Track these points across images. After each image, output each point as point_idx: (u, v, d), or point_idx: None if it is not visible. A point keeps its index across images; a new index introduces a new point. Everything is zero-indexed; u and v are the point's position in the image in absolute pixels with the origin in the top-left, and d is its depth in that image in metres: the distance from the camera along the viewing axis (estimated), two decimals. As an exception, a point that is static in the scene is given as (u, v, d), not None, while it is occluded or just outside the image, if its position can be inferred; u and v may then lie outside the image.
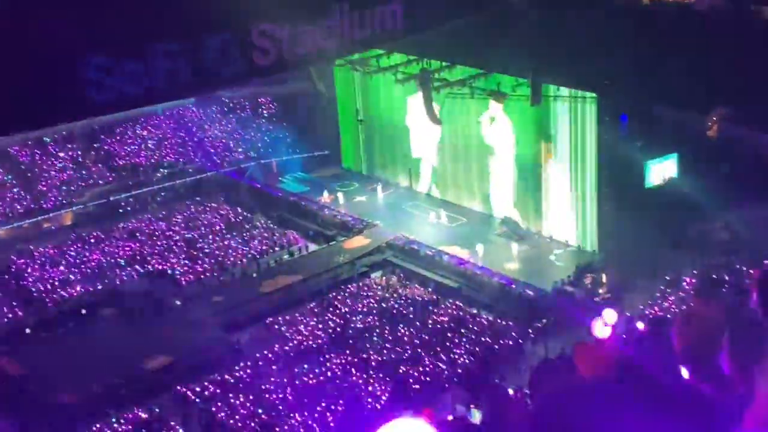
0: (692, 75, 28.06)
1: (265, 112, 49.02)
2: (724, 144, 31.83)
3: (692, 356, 5.34)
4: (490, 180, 40.39)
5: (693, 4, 30.57)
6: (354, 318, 33.85)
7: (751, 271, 28.19)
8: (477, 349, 31.02)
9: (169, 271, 37.81)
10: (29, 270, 37.76)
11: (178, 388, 29.98)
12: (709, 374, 5.57)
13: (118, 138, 45.95)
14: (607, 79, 32.69)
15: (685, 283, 31.88)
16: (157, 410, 29.10)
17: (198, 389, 29.92)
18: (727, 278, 31.12)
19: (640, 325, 20.31)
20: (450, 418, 11.73)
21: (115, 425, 28.20)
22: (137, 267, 38.27)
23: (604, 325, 9.74)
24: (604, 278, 33.74)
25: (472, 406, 9.95)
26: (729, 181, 30.71)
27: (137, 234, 40.92)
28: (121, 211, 42.94)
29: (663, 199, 32.59)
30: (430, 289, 35.61)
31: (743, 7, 30.13)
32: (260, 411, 28.53)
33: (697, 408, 5.32)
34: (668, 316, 28.49)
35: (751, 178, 31.63)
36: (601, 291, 33.31)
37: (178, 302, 35.66)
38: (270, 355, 31.86)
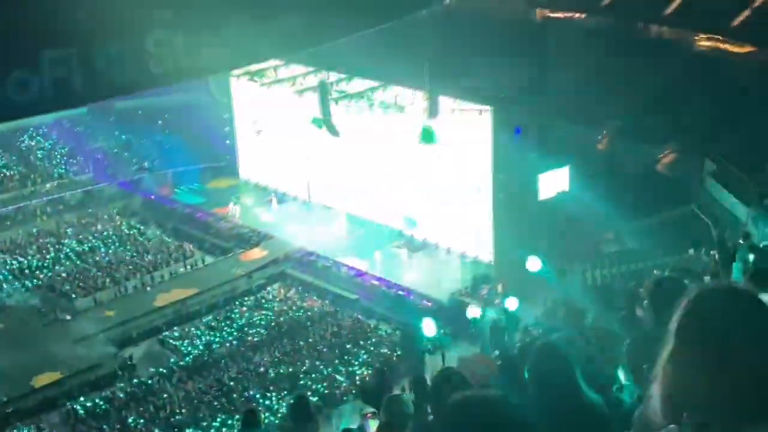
0: (584, 89, 28.79)
1: (160, 122, 48.12)
2: (614, 158, 32.73)
3: None
4: (388, 191, 40.50)
5: (585, 21, 31.41)
6: (251, 331, 33.47)
7: (636, 282, 29.04)
8: (375, 360, 31.05)
9: (59, 285, 36.66)
10: None
11: (68, 404, 29.10)
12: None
13: (5, 148, 44.38)
14: (501, 92, 33.25)
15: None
16: (45, 428, 28.18)
17: (89, 405, 29.09)
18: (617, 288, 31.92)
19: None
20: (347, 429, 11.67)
21: (2, 445, 27.19)
22: (25, 281, 36.98)
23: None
24: (499, 288, 34.19)
25: (369, 415, 9.91)
26: (619, 193, 31.56)
27: (25, 247, 39.55)
28: (8, 223, 41.41)
29: (555, 210, 33.25)
30: (328, 301, 35.50)
31: (632, 24, 31.11)
32: (153, 428, 27.91)
33: (592, 420, 5.38)
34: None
35: (640, 190, 32.59)
36: (496, 301, 33.73)
37: (68, 317, 34.60)
38: (164, 371, 31.22)
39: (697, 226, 33.05)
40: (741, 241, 14.27)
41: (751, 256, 10.42)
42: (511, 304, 31.23)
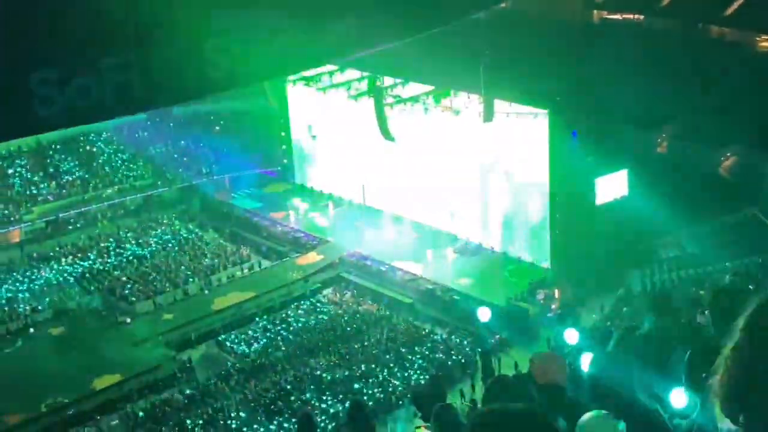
0: (643, 92, 28.32)
1: (217, 127, 48.61)
2: (674, 161, 32.19)
3: None
4: (444, 196, 40.36)
5: (643, 23, 30.93)
6: (307, 334, 33.59)
7: (697, 287, 28.54)
8: (430, 365, 30.94)
9: (119, 289, 37.21)
10: (-25, 288, 36.94)
11: (127, 407, 29.48)
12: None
13: (67, 154, 45.20)
14: (558, 95, 32.90)
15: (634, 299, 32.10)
16: (105, 430, 28.57)
17: (147, 408, 29.43)
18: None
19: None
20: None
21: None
22: (86, 284, 37.62)
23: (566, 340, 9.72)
24: (556, 294, 33.89)
25: (423, 426, 9.78)
26: (678, 198, 31.04)
27: (87, 251, 40.23)
28: (70, 227, 42.17)
29: (613, 215, 32.82)
30: (382, 305, 35.47)
31: (691, 26, 30.54)
32: (211, 430, 28.13)
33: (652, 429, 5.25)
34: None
35: (699, 194, 32.01)
36: (553, 306, 33.45)
37: (128, 320, 35.08)
38: (222, 372, 31.47)
39: (759, 230, 32.38)
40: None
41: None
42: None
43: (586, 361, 6.07)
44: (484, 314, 9.93)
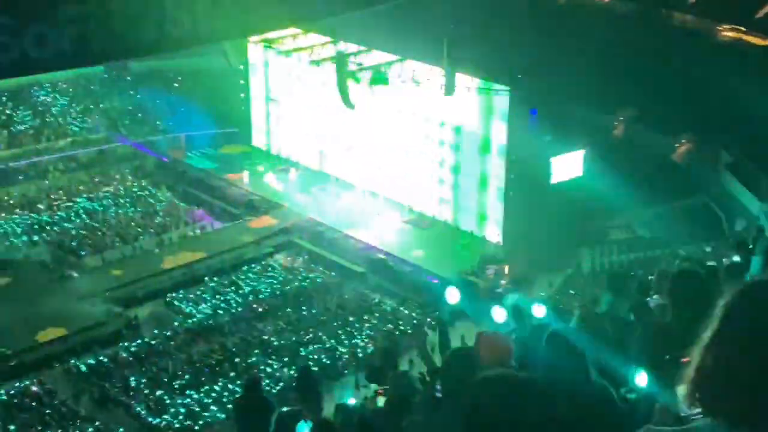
0: (603, 75, 28.54)
1: (175, 85, 47.97)
2: (630, 144, 32.54)
3: None
4: (401, 168, 40.38)
5: (607, 5, 31.09)
6: (256, 298, 33.53)
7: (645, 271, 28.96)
8: (379, 334, 31.10)
9: (68, 242, 36.76)
10: None
11: (71, 361, 29.24)
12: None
13: (19, 103, 44.32)
14: (520, 73, 33.00)
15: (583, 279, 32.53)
16: (46, 383, 28.33)
17: (92, 363, 29.22)
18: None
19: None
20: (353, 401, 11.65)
21: (4, 397, 27.32)
22: (34, 236, 37.08)
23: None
24: (506, 270, 34.18)
25: (380, 392, 9.87)
26: (631, 181, 31.40)
27: (36, 203, 39.61)
28: (20, 177, 41.42)
29: (567, 194, 33.10)
30: (333, 273, 35.50)
31: (654, 12, 30.77)
32: (155, 389, 28.04)
33: (604, 407, 5.33)
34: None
35: (652, 179, 32.40)
36: (502, 282, 33.74)
37: (75, 274, 34.69)
38: (168, 332, 31.33)
39: (709, 217, 32.94)
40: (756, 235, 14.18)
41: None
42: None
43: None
44: (452, 295, 9.89)
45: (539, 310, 7.24)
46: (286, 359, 29.38)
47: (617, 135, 32.18)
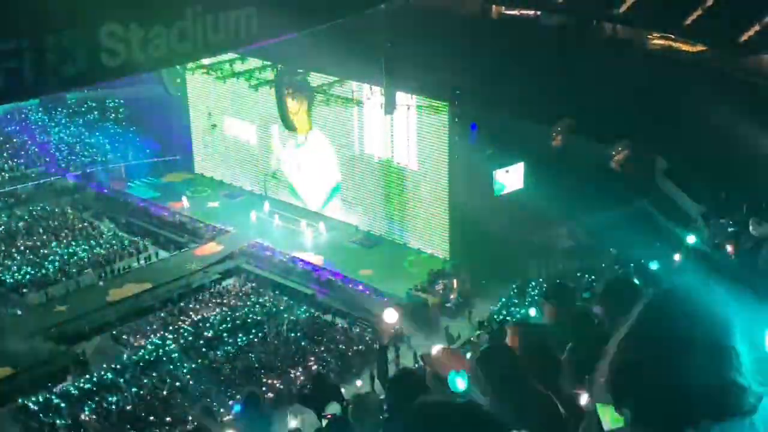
0: (538, 87, 28.96)
1: (113, 115, 47.53)
2: (568, 154, 33.01)
3: None
4: (344, 187, 40.50)
5: (539, 19, 31.60)
6: (206, 326, 33.24)
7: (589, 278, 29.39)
8: (331, 356, 31.05)
9: (10, 280, 36.09)
10: None
11: (19, 400, 28.69)
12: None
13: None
14: (458, 89, 33.35)
15: (530, 289, 32.84)
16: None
17: (40, 401, 28.70)
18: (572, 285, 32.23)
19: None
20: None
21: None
22: (-26, 276, 36.38)
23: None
24: (455, 284, 34.41)
25: (329, 416, 9.82)
26: (573, 190, 31.85)
27: (-26, 241, 38.90)
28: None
29: (510, 207, 33.47)
30: (284, 297, 35.38)
31: (586, 24, 31.35)
32: (106, 423, 27.63)
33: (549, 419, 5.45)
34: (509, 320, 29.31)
35: (593, 187, 32.89)
36: (452, 297, 33.97)
37: (18, 312, 34.08)
38: (117, 366, 30.90)
39: (649, 222, 33.49)
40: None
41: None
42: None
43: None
44: (390, 316, 9.91)
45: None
46: (239, 385, 29.15)
47: (555, 146, 32.62)
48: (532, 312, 28.85)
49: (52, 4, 13.44)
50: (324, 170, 40.65)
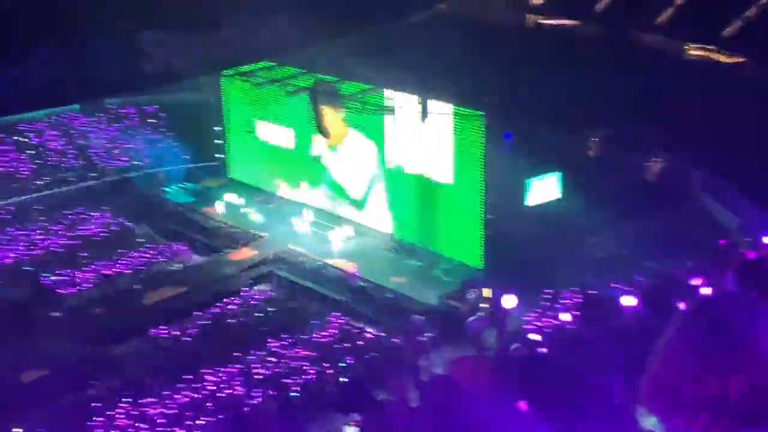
0: (575, 97, 28.91)
1: (151, 120, 48.07)
2: (604, 164, 32.90)
3: None
4: (379, 195, 40.58)
5: (576, 29, 31.55)
6: (238, 330, 33.45)
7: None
8: (361, 363, 31.10)
9: (48, 282, 36.57)
10: None
11: (54, 402, 29.02)
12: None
13: (-4, 143, 44.26)
14: (493, 97, 33.35)
15: (563, 300, 32.66)
16: (29, 425, 28.09)
17: (74, 402, 29.03)
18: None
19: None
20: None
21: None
22: (13, 277, 36.88)
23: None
24: (486, 293, 34.28)
25: (353, 423, 9.85)
26: (608, 201, 31.70)
27: (15, 243, 39.44)
28: (-2, 219, 41.32)
29: (544, 216, 33.38)
30: (315, 302, 35.50)
31: (622, 34, 31.24)
32: (139, 425, 27.87)
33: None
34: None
35: (628, 197, 32.74)
36: (484, 306, 33.84)
37: (56, 314, 34.51)
38: (151, 368, 31.18)
39: (686, 234, 33.26)
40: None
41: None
42: (508, 302, 31.51)
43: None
44: (418, 322, 10.02)
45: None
46: (270, 391, 29.30)
47: (592, 156, 32.53)
48: (565, 317, 28.84)
49: (93, 11, 13.68)
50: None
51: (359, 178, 40.84)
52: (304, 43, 19.46)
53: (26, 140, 45.18)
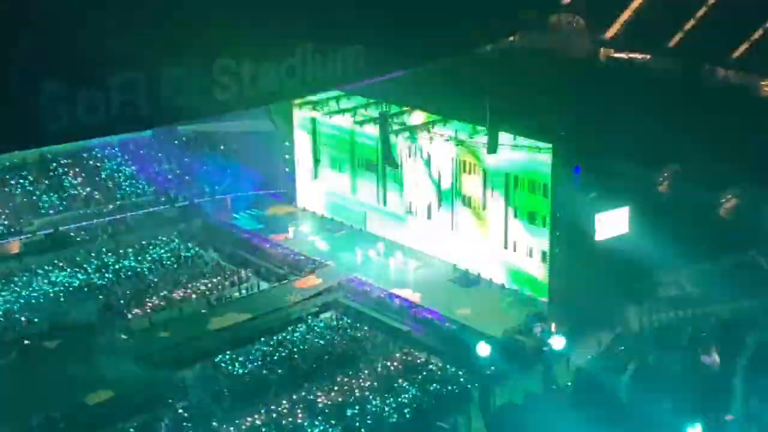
0: (646, 130, 28.42)
1: (221, 147, 48.66)
2: (675, 200, 32.25)
3: None
4: (445, 226, 40.38)
5: (649, 62, 31.08)
6: (302, 358, 33.39)
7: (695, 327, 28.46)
8: (425, 394, 30.76)
9: (116, 304, 37.03)
10: (-28, 297, 36.79)
11: (119, 424, 29.24)
12: None
13: (70, 168, 45.15)
14: (563, 130, 32.97)
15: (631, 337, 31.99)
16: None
17: (138, 426, 29.19)
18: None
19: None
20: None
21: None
22: (85, 299, 37.44)
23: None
24: (553, 328, 33.74)
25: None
26: (678, 237, 31.00)
27: (86, 265, 40.10)
28: (70, 241, 42.02)
29: (614, 251, 32.77)
30: (380, 332, 35.29)
31: (698, 67, 30.67)
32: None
33: None
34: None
35: (699, 234, 31.99)
36: (550, 341, 33.28)
37: (124, 336, 34.89)
38: (216, 394, 31.25)
39: (758, 273, 32.35)
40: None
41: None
42: (558, 343, 31.07)
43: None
44: (483, 350, 9.86)
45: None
46: (332, 421, 29.12)
47: (662, 191, 31.91)
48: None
49: (168, 38, 13.82)
50: (424, 207, 40.65)
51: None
52: (374, 74, 19.41)
53: (98, 165, 46.00)
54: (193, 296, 37.98)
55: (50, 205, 42.98)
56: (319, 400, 30.50)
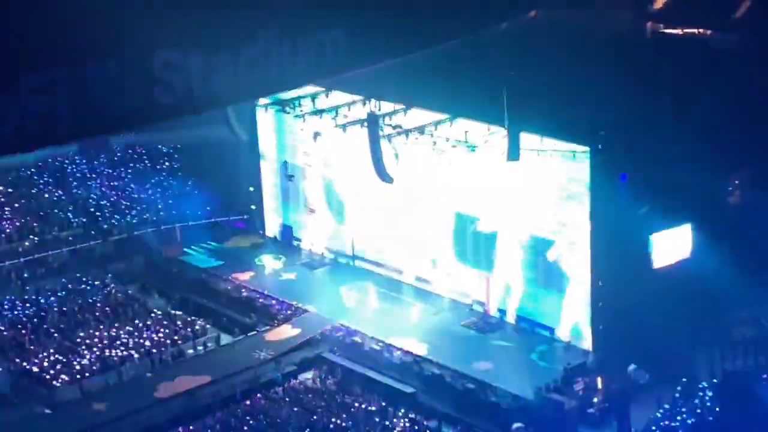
0: (710, 127, 28.66)
1: (166, 164, 48.83)
2: (750, 215, 32.44)
3: None
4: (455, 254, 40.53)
5: (709, 39, 31.37)
6: (277, 432, 33.51)
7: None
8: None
9: (37, 370, 37.06)
10: None
11: None
12: None
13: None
14: (603, 129, 33.19)
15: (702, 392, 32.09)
16: None
17: None
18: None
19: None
20: None
21: None
22: (-5, 363, 37.53)
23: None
24: (599, 383, 33.84)
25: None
26: (755, 262, 31.20)
27: (-4, 321, 40.20)
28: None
29: (673, 282, 32.93)
30: (376, 395, 35.37)
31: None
32: None
33: None
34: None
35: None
36: (595, 399, 33.39)
37: (47, 411, 34.92)
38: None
39: None
40: None
41: None
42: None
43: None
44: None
45: None
46: None
47: (733, 203, 32.14)
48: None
49: (95, 26, 13.91)
50: (427, 232, 40.84)
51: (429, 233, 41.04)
52: (358, 64, 19.57)
53: (12, 191, 46.09)
54: (135, 356, 38.02)
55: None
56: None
